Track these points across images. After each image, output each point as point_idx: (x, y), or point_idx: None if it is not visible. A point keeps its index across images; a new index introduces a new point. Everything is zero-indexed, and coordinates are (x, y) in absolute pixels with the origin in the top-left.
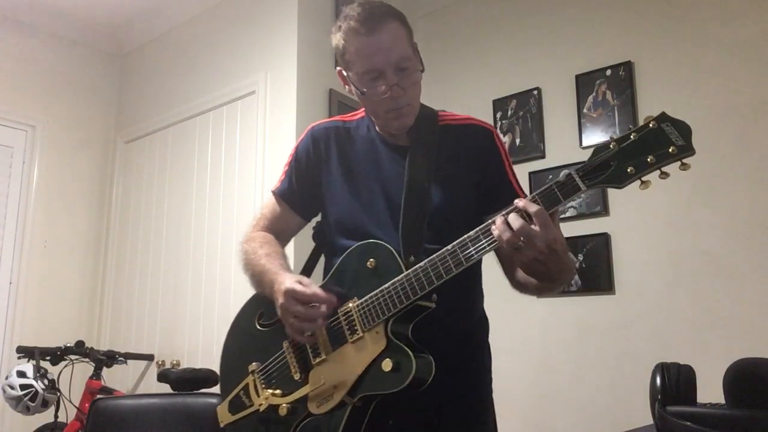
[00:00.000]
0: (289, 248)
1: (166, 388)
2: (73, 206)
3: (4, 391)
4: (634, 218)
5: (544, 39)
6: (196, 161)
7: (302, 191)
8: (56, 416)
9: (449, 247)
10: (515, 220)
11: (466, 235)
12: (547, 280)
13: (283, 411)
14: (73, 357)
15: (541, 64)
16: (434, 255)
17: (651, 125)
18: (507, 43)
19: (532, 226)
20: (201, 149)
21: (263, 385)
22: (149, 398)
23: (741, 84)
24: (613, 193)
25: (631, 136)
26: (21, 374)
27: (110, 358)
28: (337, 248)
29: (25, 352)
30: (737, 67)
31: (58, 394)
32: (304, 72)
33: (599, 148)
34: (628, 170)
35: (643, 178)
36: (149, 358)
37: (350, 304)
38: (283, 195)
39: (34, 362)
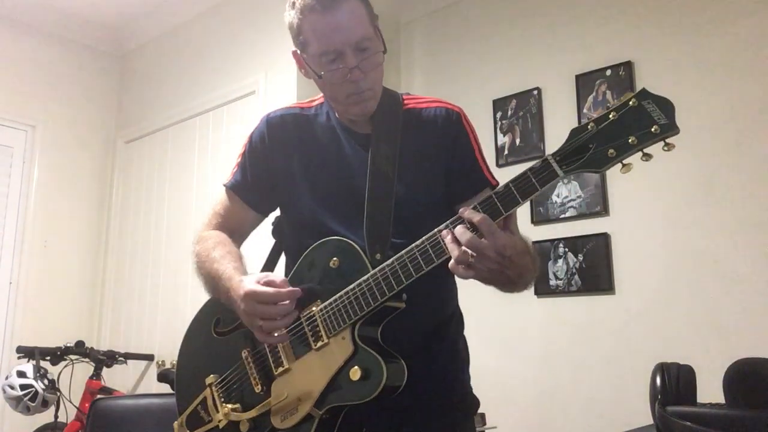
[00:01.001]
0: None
1: (166, 388)
2: (73, 206)
3: (4, 391)
4: (634, 218)
5: (544, 39)
6: (196, 161)
7: (257, 183)
8: (56, 416)
9: (419, 242)
10: (462, 234)
11: (436, 229)
12: (508, 285)
13: (244, 427)
14: (73, 357)
15: (541, 64)
16: (403, 252)
17: (631, 103)
18: (507, 43)
19: (482, 240)
20: (201, 149)
21: (222, 399)
22: (149, 398)
23: (741, 83)
24: (613, 193)
25: (610, 116)
26: (21, 374)
27: (110, 358)
28: (297, 247)
29: (25, 352)
30: (738, 66)
31: (58, 394)
32: None
33: (576, 130)
34: (609, 153)
35: (625, 161)
36: (149, 358)
37: (313, 308)
38: (235, 188)
39: (34, 362)
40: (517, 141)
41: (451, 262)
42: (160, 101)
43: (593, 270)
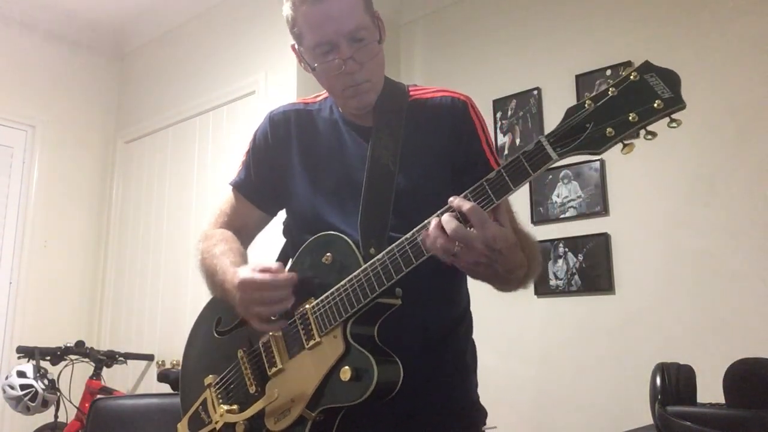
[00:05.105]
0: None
1: (166, 388)
2: (73, 206)
3: (4, 391)
4: (634, 218)
5: (544, 39)
6: (196, 161)
7: (261, 181)
8: (56, 416)
9: (409, 234)
10: (448, 223)
11: (426, 221)
12: (498, 282)
13: (240, 429)
14: (73, 357)
15: (541, 64)
16: (393, 245)
17: (632, 77)
18: (507, 43)
19: (470, 229)
20: (201, 149)
21: (220, 400)
22: (149, 398)
23: (741, 83)
24: (613, 193)
25: (609, 92)
26: (21, 374)
27: (110, 358)
28: (298, 245)
29: (25, 352)
30: (737, 66)
31: (58, 394)
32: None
33: (572, 109)
34: (607, 132)
35: (626, 141)
36: (149, 358)
37: (306, 306)
38: (239, 187)
39: (34, 362)
40: (518, 141)
41: (438, 251)
42: (160, 101)
43: (593, 270)
